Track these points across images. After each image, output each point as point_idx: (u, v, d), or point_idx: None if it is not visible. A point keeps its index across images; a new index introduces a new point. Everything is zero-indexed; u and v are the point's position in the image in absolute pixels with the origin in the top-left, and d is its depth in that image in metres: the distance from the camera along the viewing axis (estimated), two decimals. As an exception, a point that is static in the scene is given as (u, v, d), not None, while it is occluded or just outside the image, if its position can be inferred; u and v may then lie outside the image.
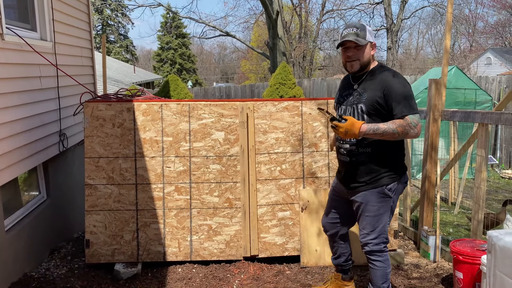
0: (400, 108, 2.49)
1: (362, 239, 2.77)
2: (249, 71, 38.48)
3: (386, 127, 2.46)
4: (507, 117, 3.11)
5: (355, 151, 2.68)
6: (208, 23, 20.46)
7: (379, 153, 2.64)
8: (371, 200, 2.68)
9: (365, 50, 2.64)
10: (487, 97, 7.99)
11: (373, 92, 2.58)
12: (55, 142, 4.21)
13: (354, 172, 2.72)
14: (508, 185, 7.54)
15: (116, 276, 3.52)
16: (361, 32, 2.61)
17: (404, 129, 2.45)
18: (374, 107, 2.58)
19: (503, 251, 2.16)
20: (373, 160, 2.65)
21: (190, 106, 3.70)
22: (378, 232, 2.71)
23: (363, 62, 2.65)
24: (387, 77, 2.58)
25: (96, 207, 3.65)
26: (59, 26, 4.38)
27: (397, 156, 2.71)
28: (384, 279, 2.78)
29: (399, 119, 2.49)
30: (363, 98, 2.62)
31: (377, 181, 2.65)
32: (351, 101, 2.69)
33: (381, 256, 2.75)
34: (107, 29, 38.77)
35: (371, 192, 2.67)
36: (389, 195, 2.67)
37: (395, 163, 2.69)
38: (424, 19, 40.22)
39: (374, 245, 2.73)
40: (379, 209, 2.68)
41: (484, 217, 3.57)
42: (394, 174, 2.67)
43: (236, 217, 3.75)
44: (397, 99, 2.50)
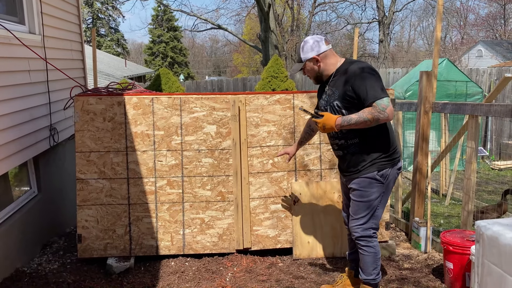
0: (366, 97, 2.60)
1: (351, 225, 2.85)
2: (242, 65, 38.37)
3: (357, 116, 2.59)
4: (496, 108, 3.14)
5: (345, 144, 2.81)
6: (200, 16, 20.34)
7: (367, 141, 2.75)
8: (362, 186, 2.78)
9: (307, 69, 2.86)
10: (478, 89, 8.05)
11: (342, 87, 2.72)
12: (46, 136, 4.17)
13: (349, 163, 2.84)
14: (498, 176, 7.63)
15: (109, 271, 3.51)
16: (297, 57, 2.87)
17: (373, 116, 2.56)
18: (346, 100, 2.70)
19: (491, 241, 2.19)
20: (363, 149, 2.76)
21: (181, 99, 3.68)
22: (367, 218, 2.80)
23: (313, 77, 2.88)
24: (351, 70, 2.70)
25: (88, 201, 3.63)
26: (47, 19, 4.33)
27: (385, 143, 2.79)
28: (374, 265, 2.84)
29: (368, 107, 2.60)
30: (336, 95, 2.76)
31: (368, 167, 2.76)
32: (329, 100, 2.82)
33: (370, 242, 2.82)
34: (98, 22, 38.37)
35: (364, 178, 2.77)
36: (380, 180, 2.76)
37: (385, 150, 2.79)
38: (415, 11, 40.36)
39: (363, 230, 2.81)
40: (370, 195, 2.77)
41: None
42: (385, 160, 2.77)
43: (228, 210, 3.75)
44: (362, 88, 2.62)
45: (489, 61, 22.69)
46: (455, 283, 3.12)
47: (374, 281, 2.86)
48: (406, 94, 7.82)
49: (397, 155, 2.85)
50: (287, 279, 3.37)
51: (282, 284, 3.29)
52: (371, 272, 2.85)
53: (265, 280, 3.37)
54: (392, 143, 2.82)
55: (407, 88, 7.89)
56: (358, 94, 2.64)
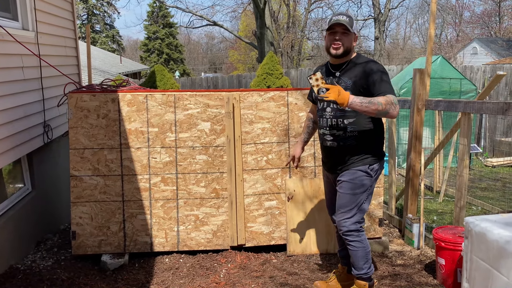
0: (383, 88, 2.62)
1: (339, 219, 2.85)
2: (238, 61, 38.29)
3: (371, 98, 2.57)
4: (488, 106, 3.17)
5: (343, 135, 2.81)
6: (195, 13, 20.26)
7: (365, 136, 2.79)
8: (354, 178, 2.80)
9: (350, 38, 2.79)
10: (472, 87, 8.09)
11: (357, 79, 2.72)
12: (40, 133, 4.16)
13: (342, 156, 2.83)
14: (492, 173, 7.68)
15: (103, 267, 3.52)
16: (350, 21, 2.77)
17: (387, 104, 2.55)
18: (358, 90, 2.70)
19: (479, 237, 2.22)
20: (359, 142, 2.79)
21: (175, 96, 3.68)
22: (354, 211, 2.81)
23: (346, 48, 2.78)
24: (369, 65, 2.75)
25: (82, 198, 3.63)
26: (41, 16, 4.31)
27: (379, 139, 2.89)
28: (364, 259, 2.85)
29: (382, 96, 2.60)
30: (349, 85, 2.74)
31: (362, 160, 2.80)
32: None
33: (358, 236, 2.83)
34: (93, 18, 38.15)
35: (355, 171, 2.80)
36: (371, 174, 2.82)
37: (378, 145, 2.88)
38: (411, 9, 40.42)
39: (351, 224, 2.81)
40: (359, 187, 2.80)
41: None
42: (376, 156, 2.84)
43: (223, 207, 3.77)
44: (379, 82, 2.65)
45: (484, 59, 22.79)
46: (447, 279, 3.16)
47: (367, 275, 2.89)
48: (400, 91, 7.85)
49: (383, 154, 2.93)
50: (281, 276, 3.39)
51: (276, 281, 3.31)
52: (362, 267, 2.87)
53: (259, 276, 3.39)
54: (382, 142, 2.93)
55: (401, 85, 7.91)
56: (373, 86, 2.65)
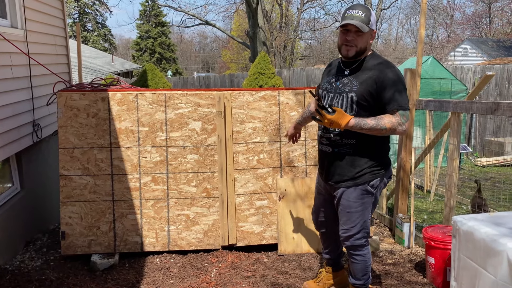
0: (392, 103, 2.37)
1: (343, 234, 2.68)
2: (230, 61, 38.25)
3: (374, 123, 2.34)
4: (478, 106, 3.19)
5: (339, 141, 2.54)
6: (188, 12, 20.21)
7: (364, 145, 2.51)
8: (352, 197, 2.58)
9: (365, 38, 2.49)
10: (462, 87, 8.15)
11: (366, 82, 2.44)
12: (29, 132, 4.12)
13: (336, 165, 2.59)
14: (482, 173, 7.75)
15: (93, 267, 3.49)
16: (366, 18, 2.44)
17: (392, 126, 2.34)
18: (364, 98, 2.44)
19: (466, 235, 2.24)
20: (356, 153, 2.52)
21: (166, 95, 3.67)
22: (359, 227, 2.62)
23: (360, 48, 2.50)
24: (382, 68, 2.45)
25: (71, 198, 3.60)
26: (30, 13, 4.26)
27: (382, 149, 2.58)
28: (364, 272, 2.74)
29: (389, 114, 2.37)
30: (355, 87, 2.47)
31: (359, 177, 2.54)
32: (341, 89, 2.53)
33: (362, 250, 2.68)
34: (84, 17, 37.88)
35: (353, 189, 2.57)
36: (371, 192, 2.57)
37: (380, 157, 2.57)
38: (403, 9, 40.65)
39: (355, 240, 2.65)
40: (360, 205, 2.58)
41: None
42: (377, 170, 2.56)
43: (214, 207, 3.76)
44: (390, 93, 2.37)
45: (475, 59, 23.00)
46: (437, 277, 3.18)
47: (363, 286, 2.79)
48: (392, 91, 7.88)
49: (389, 163, 2.64)
50: (272, 275, 3.39)
51: (267, 280, 3.31)
52: (361, 278, 2.76)
53: (250, 276, 3.39)
54: (387, 151, 2.63)
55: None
56: (382, 97, 2.39)
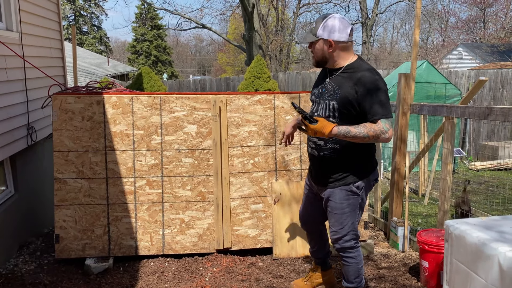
0: (373, 112, 2.38)
1: (332, 237, 2.73)
2: (226, 64, 38.28)
3: (357, 131, 2.36)
4: (471, 110, 3.22)
5: (324, 145, 2.60)
6: (184, 15, 20.22)
7: (348, 149, 2.55)
8: (338, 198, 2.63)
9: (316, 47, 2.54)
10: (457, 91, 8.21)
11: (347, 90, 2.46)
12: (23, 135, 4.10)
13: (323, 168, 2.66)
14: (476, 177, 7.79)
15: (87, 271, 3.48)
16: (314, 29, 2.52)
17: (375, 134, 2.36)
18: (345, 106, 2.48)
19: (458, 240, 2.25)
20: (341, 156, 2.57)
21: (161, 99, 3.67)
22: (347, 229, 2.66)
23: (318, 57, 2.57)
24: (363, 76, 2.45)
25: (66, 201, 3.59)
26: (26, 16, 4.25)
27: (367, 153, 2.63)
28: (356, 274, 2.77)
29: (371, 123, 2.39)
30: (336, 95, 2.50)
31: (344, 178, 2.59)
32: (325, 95, 2.58)
33: (352, 252, 2.72)
34: (80, 19, 37.80)
35: (338, 190, 2.62)
36: (356, 192, 2.61)
37: (364, 160, 2.62)
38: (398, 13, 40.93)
39: (344, 242, 2.69)
40: (347, 206, 2.63)
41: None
42: (362, 172, 2.61)
43: (209, 211, 3.75)
44: (371, 102, 2.39)
45: (469, 64, 23.15)
46: (430, 281, 3.19)
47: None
48: (387, 95, 7.92)
49: (375, 165, 2.69)
50: (267, 279, 3.39)
51: (262, 284, 3.31)
52: (353, 281, 2.78)
53: (245, 279, 3.38)
54: (372, 154, 2.67)
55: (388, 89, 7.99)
56: (364, 106, 2.40)
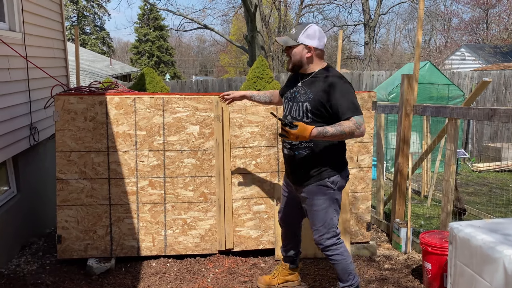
0: (346, 110, 2.57)
1: (315, 237, 2.84)
2: (228, 65, 38.32)
3: (334, 129, 2.53)
4: (475, 112, 3.20)
5: (299, 145, 2.75)
6: (186, 16, 20.24)
7: (321, 147, 2.72)
8: (316, 194, 2.76)
9: (295, 51, 2.71)
10: (460, 92, 8.19)
11: (318, 93, 2.65)
12: (26, 135, 4.11)
13: (299, 166, 2.79)
14: (479, 178, 7.76)
15: (89, 272, 3.47)
16: (295, 34, 2.69)
17: (350, 130, 2.53)
18: (317, 107, 2.65)
19: (463, 242, 2.24)
20: (315, 154, 2.72)
21: (164, 99, 3.67)
22: (327, 227, 2.79)
23: (294, 61, 2.73)
24: (333, 79, 2.65)
25: (68, 202, 3.59)
26: (29, 17, 4.26)
27: (338, 150, 2.80)
28: (347, 271, 2.84)
29: (345, 121, 2.56)
30: (309, 97, 2.68)
31: (319, 174, 2.73)
32: (298, 98, 2.76)
33: (337, 249, 2.81)
34: (83, 20, 37.91)
35: (315, 186, 2.75)
36: (331, 187, 2.75)
37: (337, 157, 2.79)
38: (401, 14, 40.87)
39: (326, 240, 2.80)
40: (324, 202, 2.76)
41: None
42: (336, 167, 2.77)
43: (211, 211, 3.75)
44: (342, 102, 2.58)
45: (472, 65, 23.10)
46: (433, 283, 3.17)
47: (352, 286, 2.87)
48: (389, 96, 7.92)
49: (346, 163, 2.86)
50: (269, 280, 3.38)
51: (264, 285, 3.30)
52: (347, 279, 2.85)
53: (247, 281, 3.38)
54: (344, 152, 2.85)
55: (390, 90, 7.98)
56: (336, 108, 2.59)
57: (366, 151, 3.88)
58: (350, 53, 31.50)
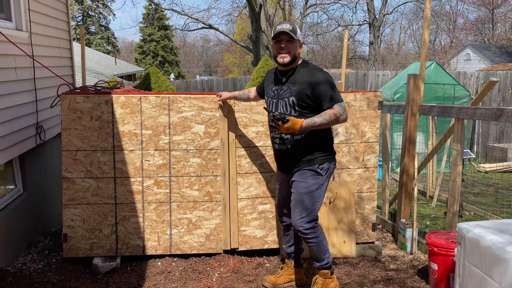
0: (328, 100, 2.79)
1: (295, 219, 2.95)
2: (233, 64, 38.34)
3: (321, 119, 2.76)
4: (482, 112, 3.18)
5: (291, 138, 2.92)
6: (191, 15, 20.25)
7: (310, 137, 2.90)
8: (304, 177, 2.93)
9: (296, 45, 2.90)
10: (465, 92, 8.15)
11: (301, 86, 2.84)
12: (32, 134, 4.12)
13: (293, 158, 2.96)
14: (484, 179, 7.72)
15: (95, 270, 3.48)
16: (293, 30, 2.87)
17: (335, 117, 2.78)
18: (303, 99, 2.84)
19: (471, 243, 2.22)
20: (306, 145, 2.91)
21: (169, 99, 3.67)
22: (309, 210, 2.92)
23: (293, 55, 2.89)
24: (313, 72, 2.86)
25: (74, 200, 3.60)
26: (35, 16, 4.28)
27: (327, 139, 3.01)
28: (324, 251, 3.01)
29: (329, 109, 2.78)
30: (294, 91, 2.86)
31: (312, 160, 2.92)
32: (282, 95, 2.92)
33: (314, 232, 2.96)
34: (88, 20, 38.05)
35: (305, 170, 2.93)
36: (321, 173, 2.93)
37: (326, 145, 2.99)
38: (406, 14, 40.73)
39: (306, 223, 2.92)
40: (311, 186, 2.91)
41: None
42: (326, 155, 2.96)
43: (216, 211, 3.75)
44: (324, 92, 2.79)
45: (477, 65, 22.99)
46: (439, 284, 3.16)
47: (328, 263, 3.05)
48: (394, 96, 7.89)
49: (334, 152, 3.05)
50: (274, 280, 3.37)
51: (269, 285, 3.29)
52: (323, 258, 3.02)
53: (252, 280, 3.37)
54: (331, 142, 3.05)
55: (395, 90, 7.95)
56: (319, 97, 2.80)
57: (372, 151, 3.86)
58: (354, 53, 31.44)
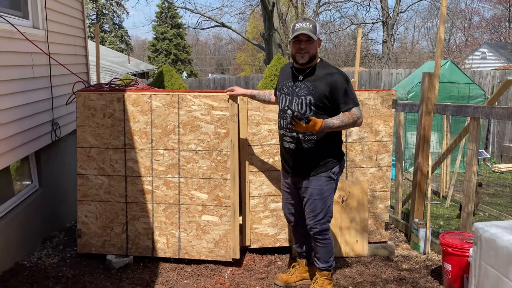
0: (347, 103, 2.80)
1: (311, 222, 2.98)
2: (245, 63, 38.34)
3: (340, 121, 2.76)
4: (498, 111, 3.14)
5: (302, 138, 2.90)
6: (204, 14, 20.31)
7: (323, 140, 2.89)
8: (319, 184, 2.93)
9: (315, 45, 2.87)
10: (481, 92, 8.03)
11: (321, 86, 2.83)
12: (48, 131, 4.18)
13: (302, 159, 2.94)
14: (499, 179, 7.61)
15: (108, 266, 3.53)
16: (313, 28, 2.83)
17: (353, 120, 2.79)
18: (321, 100, 2.82)
19: (488, 243, 2.19)
20: (317, 147, 2.89)
21: (179, 97, 3.63)
22: (325, 212, 2.96)
23: (311, 55, 2.87)
24: (332, 73, 2.85)
25: (87, 197, 3.64)
26: (51, 14, 4.33)
27: (337, 142, 3.01)
28: (330, 253, 3.07)
29: (346, 112, 2.79)
30: (312, 91, 2.84)
31: (324, 165, 2.92)
32: (298, 92, 2.90)
33: (327, 233, 3.01)
34: (102, 18, 38.40)
35: (320, 177, 2.93)
36: (333, 178, 2.96)
37: (336, 148, 2.99)
38: (420, 12, 40.25)
39: (321, 224, 2.97)
40: (324, 192, 2.94)
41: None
42: (336, 159, 2.97)
43: (225, 216, 3.61)
44: (343, 94, 2.79)
45: (493, 64, 22.62)
46: (453, 284, 3.13)
47: (331, 266, 3.10)
48: (408, 95, 7.81)
49: (343, 154, 3.06)
50: (285, 278, 3.37)
51: (280, 283, 3.30)
52: (328, 260, 3.06)
53: (264, 278, 3.38)
54: (341, 144, 3.05)
55: (409, 89, 7.87)
56: (337, 99, 2.79)
57: (385, 150, 3.83)
58: (367, 51, 31.19)
